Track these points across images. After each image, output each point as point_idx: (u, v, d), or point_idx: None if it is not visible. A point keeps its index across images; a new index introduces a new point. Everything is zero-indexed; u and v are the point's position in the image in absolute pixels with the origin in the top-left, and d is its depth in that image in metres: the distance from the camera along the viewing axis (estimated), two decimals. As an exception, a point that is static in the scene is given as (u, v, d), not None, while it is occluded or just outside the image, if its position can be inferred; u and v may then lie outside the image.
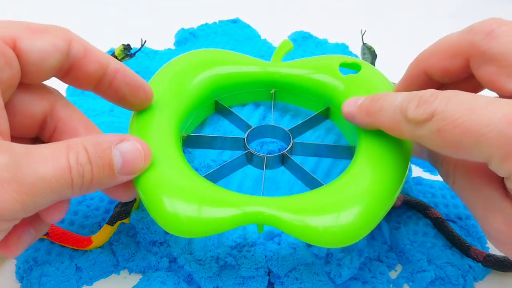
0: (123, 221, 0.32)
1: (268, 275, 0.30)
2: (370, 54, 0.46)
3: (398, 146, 0.28)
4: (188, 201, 0.25)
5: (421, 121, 0.23)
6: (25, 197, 0.21)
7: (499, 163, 0.21)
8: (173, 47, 0.51)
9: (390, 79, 0.47)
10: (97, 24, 0.55)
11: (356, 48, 0.49)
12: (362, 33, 0.46)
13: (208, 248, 0.30)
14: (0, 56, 0.23)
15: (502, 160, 0.21)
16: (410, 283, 0.31)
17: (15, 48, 0.23)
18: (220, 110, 0.35)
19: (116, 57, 0.43)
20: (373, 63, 0.46)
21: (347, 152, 0.32)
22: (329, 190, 0.27)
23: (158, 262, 0.31)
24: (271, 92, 0.36)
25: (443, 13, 0.59)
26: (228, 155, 0.33)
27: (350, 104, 0.29)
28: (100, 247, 0.31)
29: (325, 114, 0.34)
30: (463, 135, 0.21)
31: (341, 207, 0.25)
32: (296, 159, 0.31)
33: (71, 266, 0.30)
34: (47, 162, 0.22)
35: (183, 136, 0.32)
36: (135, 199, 0.33)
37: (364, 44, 0.46)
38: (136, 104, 0.29)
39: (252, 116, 0.36)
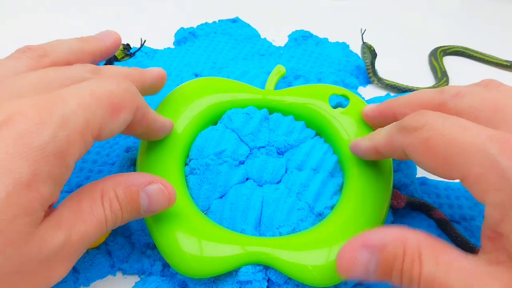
0: None
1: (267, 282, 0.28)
2: (370, 53, 0.45)
3: (382, 182, 0.30)
4: (191, 239, 0.27)
5: (412, 128, 0.24)
6: (71, 263, 0.24)
7: (473, 181, 0.22)
8: (172, 47, 0.51)
9: (390, 79, 0.47)
10: (97, 23, 0.54)
11: (356, 47, 0.48)
12: (362, 32, 0.45)
13: None
14: (85, 148, 0.23)
15: (477, 178, 0.21)
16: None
17: (98, 135, 0.23)
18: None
19: (116, 57, 0.43)
20: (373, 62, 0.46)
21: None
22: (326, 229, 0.28)
23: (152, 265, 0.30)
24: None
25: (443, 13, 0.58)
26: (229, 152, 0.32)
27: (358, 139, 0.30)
28: (96, 247, 0.30)
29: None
30: (448, 145, 0.22)
31: (332, 245, 0.27)
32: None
33: None
34: (89, 222, 0.23)
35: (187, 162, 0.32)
36: None
37: (364, 43, 0.45)
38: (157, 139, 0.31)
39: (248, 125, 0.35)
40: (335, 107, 0.34)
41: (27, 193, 0.20)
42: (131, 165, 0.34)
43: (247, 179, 0.31)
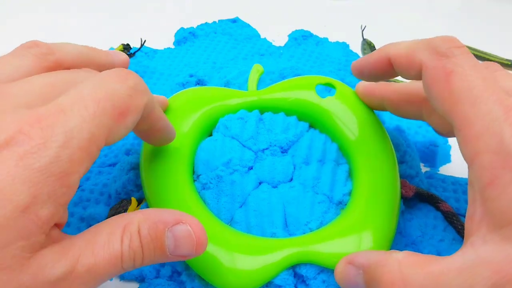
0: None
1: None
2: (370, 49, 0.45)
3: (388, 164, 0.31)
4: (231, 254, 0.26)
5: (442, 53, 0.23)
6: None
7: (472, 137, 0.21)
8: (172, 47, 0.50)
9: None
10: (97, 23, 0.53)
11: (356, 47, 0.48)
12: (362, 29, 0.45)
13: None
14: (91, 163, 0.21)
15: (477, 136, 0.21)
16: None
17: (104, 144, 0.22)
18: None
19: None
20: (374, 59, 0.45)
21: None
22: (352, 216, 0.28)
23: (159, 271, 0.29)
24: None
25: (443, 11, 0.58)
26: (237, 160, 0.31)
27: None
28: None
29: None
30: (465, 90, 0.21)
31: (363, 230, 0.27)
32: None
33: None
34: (101, 253, 0.21)
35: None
36: (130, 202, 0.31)
37: (364, 39, 0.45)
38: (159, 144, 0.29)
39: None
40: (323, 96, 0.34)
41: (24, 217, 0.19)
42: (131, 169, 0.33)
43: (260, 183, 0.31)
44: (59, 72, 0.24)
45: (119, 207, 0.30)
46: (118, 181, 0.32)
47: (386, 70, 0.27)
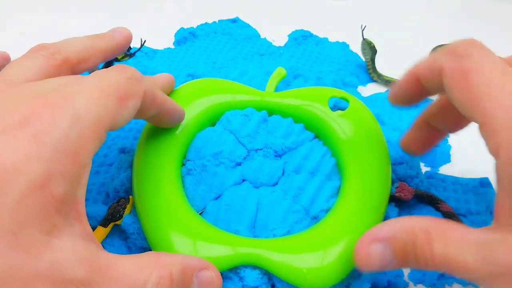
0: (116, 223, 0.30)
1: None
2: (370, 49, 0.44)
3: (380, 186, 0.29)
4: (184, 239, 0.26)
5: (458, 54, 0.23)
6: None
7: (494, 130, 0.21)
8: (172, 47, 0.50)
9: (390, 75, 0.46)
10: (97, 23, 0.53)
11: (356, 47, 0.47)
12: (362, 28, 0.44)
13: None
14: (100, 143, 0.22)
15: (500, 128, 0.21)
16: (421, 276, 0.29)
17: (110, 128, 0.23)
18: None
19: (116, 57, 0.42)
20: (373, 58, 0.45)
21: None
22: (321, 232, 0.27)
23: None
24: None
25: (443, 11, 0.57)
26: (226, 154, 0.31)
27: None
28: None
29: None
30: (483, 86, 0.21)
31: (327, 248, 0.26)
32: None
33: None
34: (124, 282, 0.21)
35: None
36: (128, 201, 0.30)
37: (364, 39, 0.44)
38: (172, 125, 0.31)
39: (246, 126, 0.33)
40: (334, 109, 0.33)
41: (40, 194, 0.19)
42: (129, 167, 0.32)
43: (243, 180, 0.30)
44: (70, 76, 0.25)
45: (117, 205, 0.30)
46: (116, 179, 0.32)
47: (418, 89, 0.27)
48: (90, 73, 0.25)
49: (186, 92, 0.33)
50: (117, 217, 0.30)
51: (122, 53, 0.41)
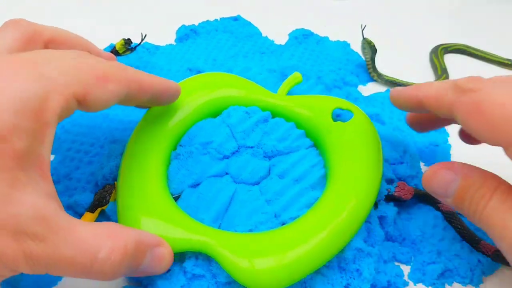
0: (102, 208, 0.30)
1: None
2: (370, 48, 0.44)
3: (360, 205, 0.28)
4: (145, 214, 0.27)
5: (468, 89, 0.24)
6: (37, 266, 0.21)
7: None
8: (174, 43, 0.49)
9: (390, 75, 0.46)
10: (99, 20, 0.52)
11: (357, 46, 0.47)
12: (362, 28, 0.44)
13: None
14: (67, 108, 0.22)
15: None
16: (421, 275, 0.29)
17: (83, 100, 0.23)
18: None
19: (117, 51, 0.42)
20: (373, 57, 0.44)
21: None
22: (275, 236, 0.27)
23: None
24: None
25: (443, 11, 0.57)
26: (215, 145, 0.31)
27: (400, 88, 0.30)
28: None
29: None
30: (499, 111, 0.22)
31: (271, 253, 0.25)
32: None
33: None
34: (77, 245, 0.21)
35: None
36: (114, 186, 0.31)
37: (364, 38, 0.44)
38: (165, 104, 0.31)
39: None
40: (337, 119, 0.32)
41: (1, 146, 0.19)
42: (119, 155, 0.33)
43: (226, 173, 0.30)
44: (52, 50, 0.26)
45: (103, 191, 0.31)
46: (106, 167, 0.32)
47: (418, 107, 0.28)
48: None
49: (196, 83, 0.34)
50: (103, 203, 0.30)
51: (124, 48, 0.41)
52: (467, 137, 0.31)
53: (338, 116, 0.33)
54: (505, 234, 0.22)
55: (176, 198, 0.30)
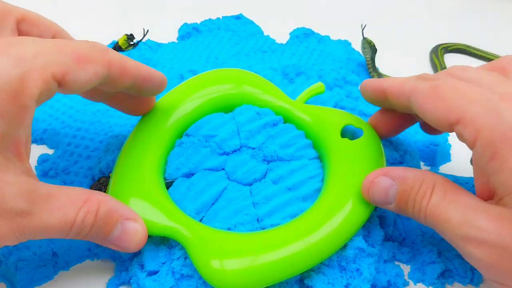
0: None
1: None
2: (370, 48, 0.44)
3: (345, 226, 0.26)
4: (133, 196, 0.27)
5: (428, 78, 0.26)
6: (24, 238, 0.22)
7: (469, 120, 0.22)
8: (176, 41, 0.49)
9: (390, 74, 0.45)
10: (102, 17, 0.52)
11: (358, 45, 0.46)
12: (362, 27, 0.44)
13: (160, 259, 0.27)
14: (46, 89, 0.22)
15: (473, 118, 0.22)
16: (422, 275, 0.28)
17: (62, 80, 0.22)
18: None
19: (120, 47, 0.42)
20: (373, 57, 0.44)
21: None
22: (248, 240, 0.26)
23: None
24: None
25: (443, 11, 0.56)
26: (218, 139, 0.31)
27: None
28: None
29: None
30: (452, 91, 0.23)
31: (236, 255, 0.25)
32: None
33: (48, 251, 0.28)
34: (57, 213, 0.22)
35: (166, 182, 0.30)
36: (109, 178, 0.30)
37: (364, 38, 0.44)
38: (150, 95, 0.30)
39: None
40: (345, 135, 0.31)
41: None
42: (116, 150, 0.32)
43: (222, 169, 0.30)
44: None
45: (98, 183, 0.30)
46: (103, 161, 0.32)
47: (382, 98, 0.29)
48: None
49: (216, 77, 0.34)
50: None
51: (127, 43, 0.41)
52: (428, 129, 0.32)
53: (346, 131, 0.32)
54: (449, 226, 0.23)
55: (169, 184, 0.30)
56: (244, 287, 0.24)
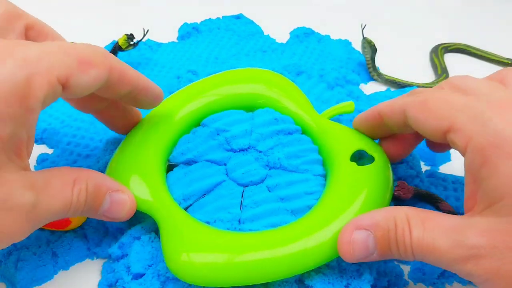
0: None
1: None
2: (370, 48, 0.44)
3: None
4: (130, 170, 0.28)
5: (415, 93, 0.27)
6: (34, 228, 0.23)
7: (459, 128, 0.23)
8: (176, 41, 0.49)
9: (390, 74, 0.45)
10: (101, 18, 0.52)
11: (358, 45, 0.46)
12: (362, 27, 0.43)
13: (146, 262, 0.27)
14: (52, 92, 0.22)
15: (462, 126, 0.23)
16: (422, 275, 0.28)
17: (65, 83, 0.22)
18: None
19: (120, 47, 0.41)
20: (373, 57, 0.44)
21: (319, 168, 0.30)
22: (223, 238, 0.26)
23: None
24: None
25: (444, 10, 0.56)
26: (228, 135, 0.31)
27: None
28: (79, 226, 0.29)
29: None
30: (441, 102, 0.24)
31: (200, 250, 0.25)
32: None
33: (48, 251, 0.28)
34: (57, 197, 0.23)
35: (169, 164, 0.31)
36: None
37: (364, 38, 0.44)
38: (144, 107, 0.30)
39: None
40: (354, 159, 0.30)
41: None
42: (115, 149, 0.32)
43: (224, 164, 0.30)
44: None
45: None
46: (101, 160, 0.32)
47: (378, 124, 0.29)
48: None
49: (246, 76, 0.34)
50: None
51: (127, 43, 0.41)
52: (433, 146, 0.31)
53: (361, 156, 0.31)
54: (441, 254, 0.22)
55: (172, 166, 0.30)
56: (205, 283, 0.24)
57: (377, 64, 0.45)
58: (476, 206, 0.22)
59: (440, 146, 0.31)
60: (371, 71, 0.44)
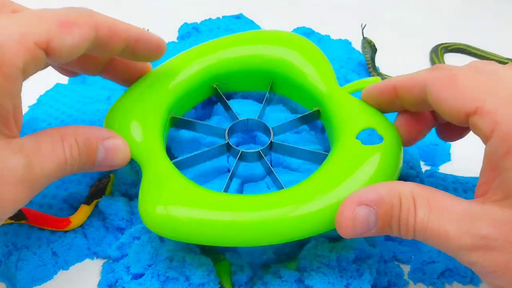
0: (98, 200, 0.30)
1: None
2: (370, 48, 0.44)
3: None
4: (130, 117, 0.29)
5: (441, 67, 0.25)
6: (34, 192, 0.23)
7: (487, 112, 0.21)
8: (176, 41, 0.49)
9: (391, 74, 0.45)
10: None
11: (358, 45, 0.46)
12: (362, 27, 0.43)
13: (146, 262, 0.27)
14: (32, 58, 0.22)
15: (491, 110, 0.21)
16: (422, 275, 0.28)
17: (47, 48, 0.22)
18: (217, 97, 0.34)
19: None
20: (373, 57, 0.44)
21: (321, 159, 0.28)
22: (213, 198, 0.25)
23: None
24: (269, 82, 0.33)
25: (444, 10, 0.56)
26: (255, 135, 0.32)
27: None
28: (79, 226, 0.29)
29: (316, 116, 0.32)
30: (471, 80, 0.23)
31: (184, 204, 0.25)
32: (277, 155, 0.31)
33: (48, 251, 0.28)
34: (50, 156, 0.23)
35: (171, 116, 0.31)
36: (109, 178, 0.31)
37: (364, 38, 0.44)
38: (148, 60, 0.29)
39: (251, 110, 0.33)
40: (361, 136, 0.28)
41: None
42: None
43: (237, 154, 0.30)
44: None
45: (99, 183, 0.31)
46: None
47: (390, 96, 0.28)
48: None
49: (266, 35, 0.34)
50: (99, 195, 0.30)
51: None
52: (444, 132, 0.30)
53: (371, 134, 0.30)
54: (447, 239, 0.21)
55: (175, 120, 0.31)
56: (180, 237, 0.24)
57: (377, 64, 0.45)
58: (490, 193, 0.21)
59: (452, 132, 0.29)
60: (371, 71, 0.44)
